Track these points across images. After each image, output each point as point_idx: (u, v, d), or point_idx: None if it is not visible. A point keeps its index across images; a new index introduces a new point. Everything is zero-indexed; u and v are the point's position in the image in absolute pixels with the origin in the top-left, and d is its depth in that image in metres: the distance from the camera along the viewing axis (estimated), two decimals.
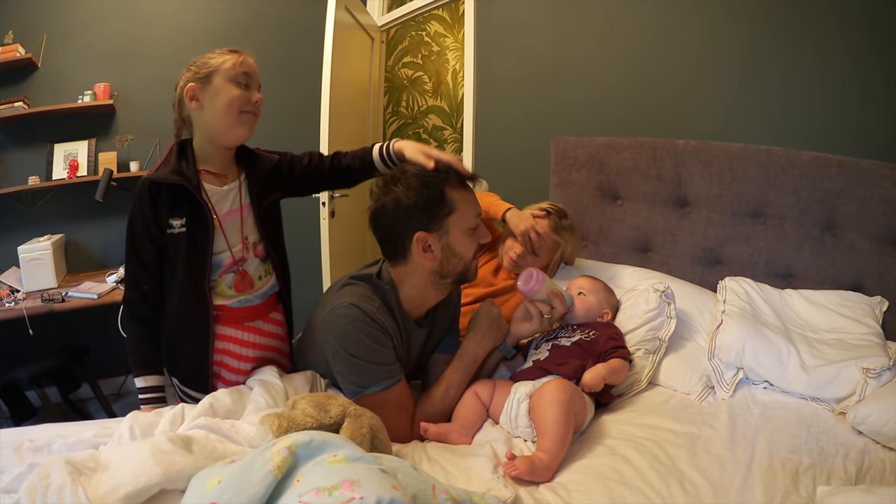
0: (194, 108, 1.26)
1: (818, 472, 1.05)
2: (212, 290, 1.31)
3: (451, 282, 1.29)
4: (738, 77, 1.77)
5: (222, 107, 1.24)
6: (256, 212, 1.35)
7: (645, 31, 2.02)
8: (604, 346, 1.33)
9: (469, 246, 1.26)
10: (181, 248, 1.26)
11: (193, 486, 0.78)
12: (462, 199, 1.24)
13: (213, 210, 1.28)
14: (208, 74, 1.24)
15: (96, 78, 2.87)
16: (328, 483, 0.66)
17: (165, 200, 1.24)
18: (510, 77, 2.61)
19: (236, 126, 1.27)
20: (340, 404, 1.00)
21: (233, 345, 1.35)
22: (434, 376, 1.37)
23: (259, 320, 1.39)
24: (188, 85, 1.25)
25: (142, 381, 1.29)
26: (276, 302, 1.44)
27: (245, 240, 1.33)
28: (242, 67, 1.26)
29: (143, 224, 1.25)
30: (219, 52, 1.27)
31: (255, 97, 1.28)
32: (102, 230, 3.03)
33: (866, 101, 1.54)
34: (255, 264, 1.36)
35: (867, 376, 1.25)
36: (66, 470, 0.79)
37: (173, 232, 1.25)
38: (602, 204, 2.04)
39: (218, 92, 1.24)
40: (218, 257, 1.30)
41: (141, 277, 1.29)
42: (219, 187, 1.31)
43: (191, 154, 1.30)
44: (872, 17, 1.50)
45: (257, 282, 1.37)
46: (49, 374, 2.65)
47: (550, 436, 1.08)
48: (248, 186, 1.35)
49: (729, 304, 1.50)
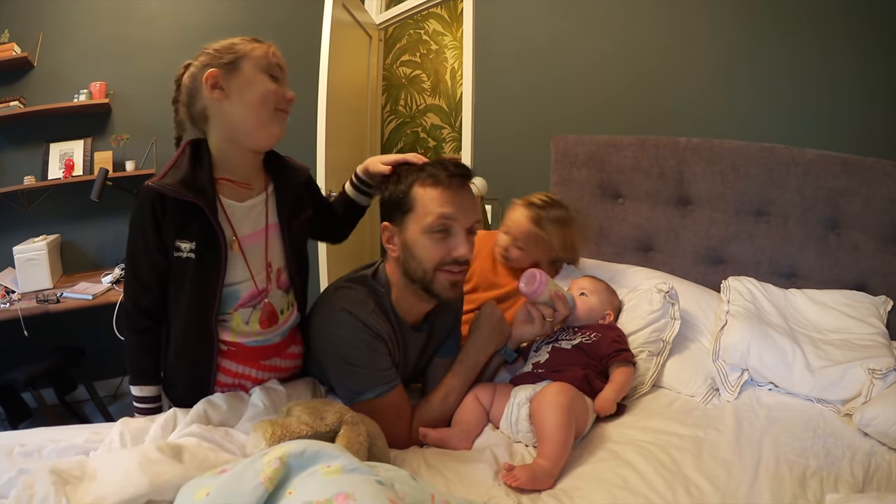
0: (216, 99, 1.05)
1: (825, 475, 1.03)
2: (223, 324, 1.13)
3: (419, 287, 1.18)
4: (740, 74, 1.76)
5: (256, 100, 1.05)
6: (286, 233, 1.15)
7: (646, 28, 2.00)
8: (607, 349, 1.31)
9: (429, 249, 1.14)
10: (188, 275, 1.07)
11: (181, 498, 0.76)
12: (426, 196, 1.14)
13: (234, 232, 1.09)
14: (234, 60, 1.04)
15: (92, 77, 2.86)
16: (322, 496, 0.63)
17: (172, 217, 1.04)
18: (509, 75, 2.59)
19: (269, 125, 1.08)
20: (337, 411, 0.97)
21: (245, 381, 1.20)
22: (434, 381, 1.34)
23: (276, 357, 1.23)
24: (209, 71, 1.03)
25: (138, 390, 1.18)
26: (296, 335, 1.27)
27: (269, 267, 1.14)
28: (275, 59, 1.09)
29: (144, 244, 1.07)
30: (240, 38, 1.09)
31: (289, 94, 1.10)
32: (98, 230, 3.02)
33: (871, 98, 1.53)
34: (277, 297, 1.17)
35: (873, 377, 1.23)
36: (51, 479, 0.77)
37: (181, 256, 1.06)
38: (603, 203, 2.02)
39: (249, 81, 1.04)
40: (234, 288, 1.11)
41: (139, 295, 1.13)
42: (240, 202, 1.11)
43: (207, 158, 1.09)
44: (877, 14, 1.49)
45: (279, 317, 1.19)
46: (45, 376, 2.64)
47: (551, 441, 1.06)
48: (278, 201, 1.15)
49: (733, 305, 1.48)
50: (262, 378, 1.21)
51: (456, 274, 1.17)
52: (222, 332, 1.14)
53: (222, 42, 1.07)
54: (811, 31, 1.60)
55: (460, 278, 1.19)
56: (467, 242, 1.16)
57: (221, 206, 1.08)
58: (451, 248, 1.14)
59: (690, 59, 1.88)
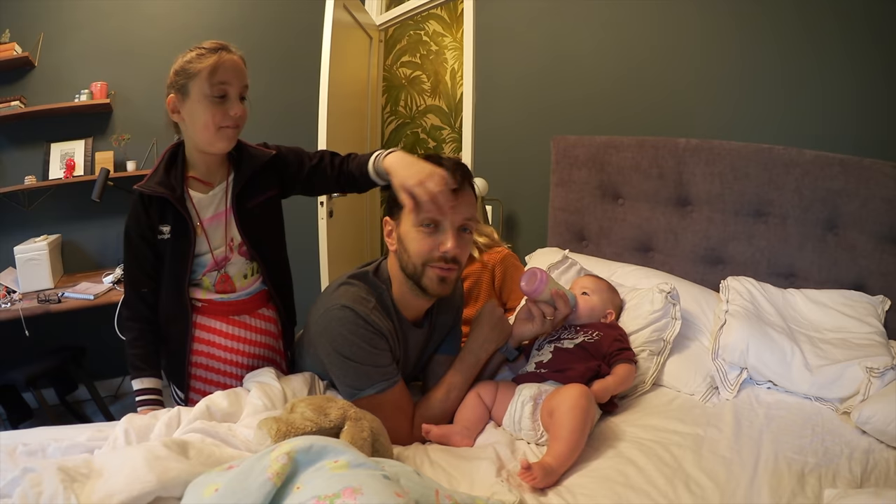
0: (178, 120, 1.26)
1: (824, 472, 1.04)
2: (196, 286, 1.34)
3: (413, 283, 1.21)
4: (739, 75, 1.76)
5: (201, 126, 1.22)
6: (237, 214, 1.33)
7: (645, 29, 2.01)
8: (609, 348, 1.32)
9: (419, 244, 1.16)
10: (168, 251, 1.30)
11: (190, 494, 0.76)
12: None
13: (198, 216, 1.30)
14: (185, 85, 1.20)
15: (93, 77, 2.86)
16: (329, 491, 0.64)
17: (154, 209, 1.28)
18: (509, 76, 2.60)
19: (215, 142, 1.25)
20: (340, 407, 0.98)
21: (216, 336, 1.36)
22: (435, 377, 1.36)
23: (245, 315, 1.39)
24: (169, 96, 1.23)
25: (139, 382, 1.29)
26: (265, 300, 1.43)
27: (230, 241, 1.34)
28: (219, 75, 1.20)
29: (138, 230, 1.29)
30: (198, 49, 1.22)
31: (232, 111, 1.23)
32: (99, 230, 3.02)
33: (869, 99, 1.53)
34: (239, 263, 1.36)
35: (871, 376, 1.24)
36: (59, 477, 0.77)
37: (163, 237, 1.29)
38: (603, 203, 2.03)
39: (194, 108, 1.21)
40: (201, 258, 1.33)
41: (139, 280, 1.32)
42: (204, 194, 1.32)
43: (181, 160, 1.32)
44: (874, 15, 1.49)
45: (241, 281, 1.38)
46: (46, 376, 2.63)
47: (566, 442, 1.06)
48: (234, 188, 1.33)
49: (732, 304, 1.49)
50: (235, 335, 1.37)
51: (444, 270, 1.18)
52: (196, 292, 1.34)
53: (186, 56, 1.22)
54: (809, 32, 1.61)
55: (448, 275, 1.19)
56: (455, 239, 1.16)
57: (189, 197, 1.30)
58: (439, 244, 1.16)
59: (690, 60, 1.89)
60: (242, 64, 1.26)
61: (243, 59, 1.27)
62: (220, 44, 1.24)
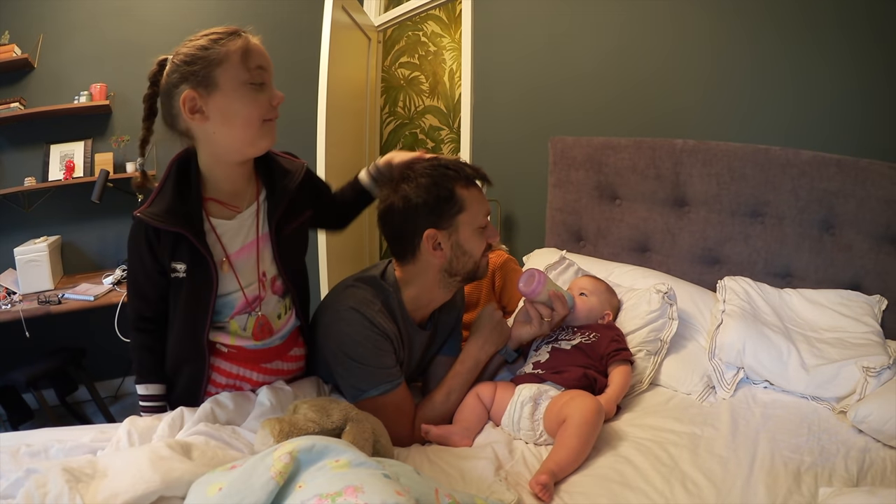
0: (198, 122, 1.00)
1: (820, 471, 1.04)
2: (222, 329, 1.14)
3: (460, 280, 1.27)
4: (736, 77, 1.77)
5: (242, 122, 0.99)
6: (275, 242, 1.12)
7: (643, 30, 2.01)
8: (606, 349, 1.33)
9: (478, 244, 1.25)
10: (182, 293, 1.09)
11: (194, 493, 0.77)
12: (472, 197, 1.23)
13: (224, 250, 1.08)
14: (210, 75, 0.96)
15: (93, 78, 2.87)
16: (331, 489, 0.65)
17: (165, 243, 1.05)
18: (507, 77, 2.60)
19: (257, 141, 1.03)
20: (342, 409, 0.99)
21: (243, 383, 1.20)
22: (436, 379, 1.37)
23: (277, 360, 1.23)
24: (185, 93, 0.97)
25: (143, 388, 1.19)
26: (297, 337, 1.27)
27: (262, 276, 1.12)
28: (254, 59, 1.00)
29: (142, 268, 1.09)
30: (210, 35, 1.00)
31: (276, 98, 1.04)
32: (99, 231, 3.02)
33: (866, 99, 1.53)
34: (272, 303, 1.17)
35: (867, 375, 1.25)
36: (64, 478, 0.78)
37: (177, 276, 1.07)
38: (601, 204, 2.04)
39: (230, 101, 0.98)
40: (228, 299, 1.11)
41: (142, 308, 1.15)
42: (229, 220, 1.09)
43: (194, 177, 1.06)
44: (873, 16, 1.50)
45: (276, 322, 1.19)
46: (46, 377, 2.64)
47: (572, 451, 1.06)
48: (269, 210, 1.12)
49: (729, 304, 1.50)
50: (262, 381, 1.21)
51: (487, 257, 1.30)
52: (222, 336, 1.14)
53: (193, 44, 0.99)
54: (807, 33, 1.61)
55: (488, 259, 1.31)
56: (494, 228, 1.31)
57: (211, 225, 1.07)
58: (489, 237, 1.27)
59: (687, 61, 1.90)
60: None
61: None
62: (234, 28, 1.04)
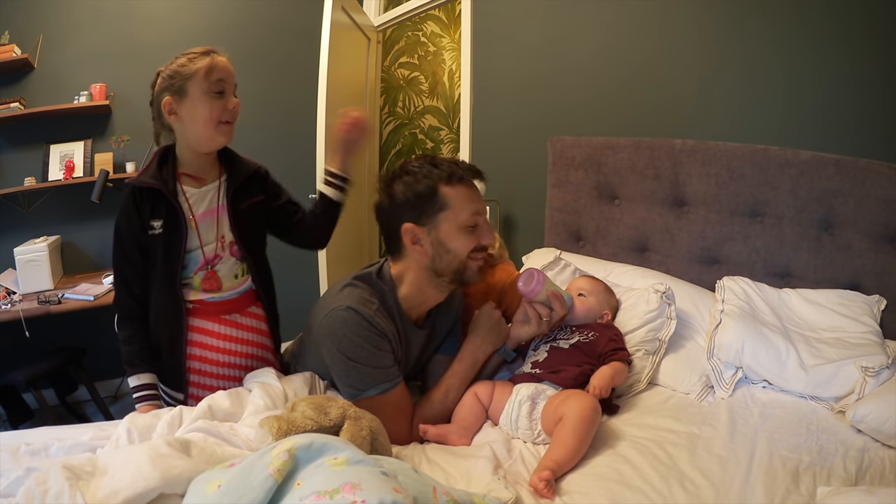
0: (175, 121, 1.29)
1: (818, 470, 1.05)
2: (187, 286, 1.36)
3: (448, 280, 1.26)
4: (736, 77, 1.77)
5: (201, 121, 1.27)
6: (231, 213, 1.37)
7: (643, 30, 2.02)
8: (604, 348, 1.33)
9: (464, 243, 1.23)
10: (160, 247, 1.31)
11: (193, 491, 0.78)
12: (458, 195, 1.22)
13: (191, 210, 1.33)
14: (182, 86, 1.25)
15: (92, 78, 2.87)
16: (329, 486, 0.66)
17: (147, 204, 1.30)
18: (507, 77, 2.61)
19: (216, 137, 1.30)
20: (340, 406, 1.00)
21: (209, 338, 1.38)
22: (434, 378, 1.37)
23: (235, 313, 1.41)
24: (164, 99, 1.27)
25: (135, 379, 1.32)
26: (254, 298, 1.46)
27: (222, 238, 1.37)
28: (216, 73, 1.27)
29: (128, 227, 1.32)
30: (188, 55, 1.28)
31: (230, 104, 1.30)
32: (98, 231, 3.02)
33: (864, 99, 1.54)
34: (230, 262, 1.39)
35: (866, 375, 1.25)
36: (64, 475, 0.78)
37: (154, 233, 1.31)
38: (600, 204, 2.04)
39: (195, 105, 1.26)
40: (192, 255, 1.34)
41: (130, 278, 1.35)
42: (197, 188, 1.35)
43: (171, 159, 1.35)
44: (870, 15, 1.50)
45: (232, 280, 1.40)
46: (46, 377, 2.64)
47: (570, 449, 1.07)
48: (227, 187, 1.38)
49: (727, 304, 1.50)
50: (227, 335, 1.39)
51: (480, 260, 1.28)
52: (188, 293, 1.36)
53: (176, 62, 1.27)
54: (805, 33, 1.62)
55: (483, 263, 1.30)
56: (490, 230, 1.28)
57: (182, 191, 1.33)
58: (480, 238, 1.25)
59: (686, 61, 1.90)
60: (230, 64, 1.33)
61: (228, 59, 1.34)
62: (208, 48, 1.30)
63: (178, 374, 1.36)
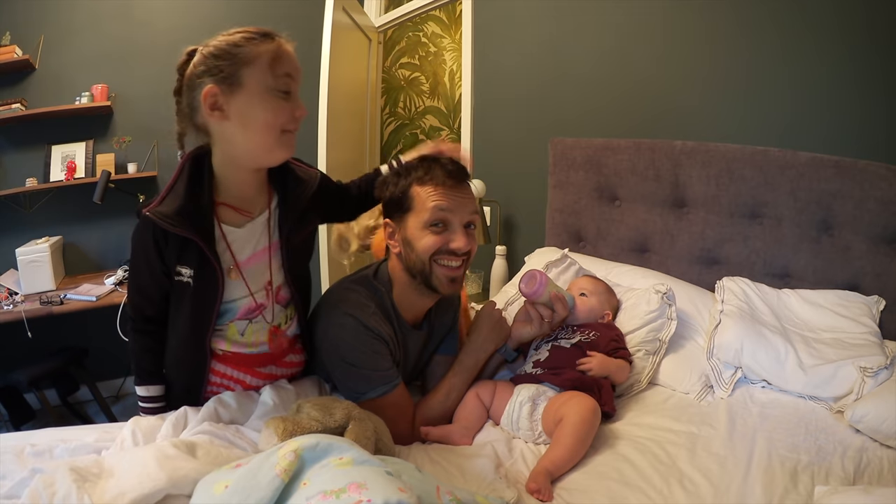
0: (216, 120, 0.98)
1: (817, 470, 1.06)
2: (218, 333, 1.13)
3: (419, 281, 1.22)
4: (735, 78, 1.78)
5: (260, 127, 0.97)
6: (285, 251, 1.12)
7: (643, 32, 2.02)
8: (605, 348, 1.34)
9: (427, 242, 1.17)
10: (187, 296, 1.07)
11: (200, 491, 0.79)
12: (424, 193, 1.18)
13: (233, 258, 1.06)
14: (235, 73, 0.95)
15: (94, 79, 2.87)
16: (335, 486, 0.66)
17: (173, 245, 1.02)
18: (507, 77, 2.61)
19: (275, 150, 1.01)
20: (345, 407, 1.00)
21: (237, 385, 1.20)
22: (435, 378, 1.38)
23: (272, 366, 1.22)
24: (208, 87, 0.95)
25: (143, 390, 1.19)
26: (294, 344, 1.26)
27: (268, 284, 1.11)
28: (284, 65, 0.98)
29: (147, 267, 1.06)
30: (244, 32, 0.98)
31: (299, 111, 1.01)
32: (100, 232, 3.03)
33: (864, 101, 1.54)
34: (274, 312, 1.16)
35: (865, 375, 1.26)
36: (71, 477, 0.79)
37: (181, 280, 1.05)
38: (600, 205, 2.05)
39: (252, 105, 0.96)
40: (232, 305, 1.10)
41: (143, 307, 1.14)
42: (240, 227, 1.07)
43: (207, 178, 1.03)
44: (871, 17, 1.50)
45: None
46: (48, 377, 2.64)
47: (568, 450, 1.08)
48: (280, 219, 1.11)
49: (727, 304, 1.51)
50: (255, 385, 1.21)
51: (454, 269, 1.21)
52: (219, 342, 1.14)
53: (224, 38, 0.97)
54: (804, 35, 1.62)
55: (458, 273, 1.22)
56: (464, 235, 1.20)
57: (222, 233, 1.05)
58: (448, 240, 1.18)
59: (686, 63, 1.91)
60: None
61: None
62: (269, 30, 1.01)
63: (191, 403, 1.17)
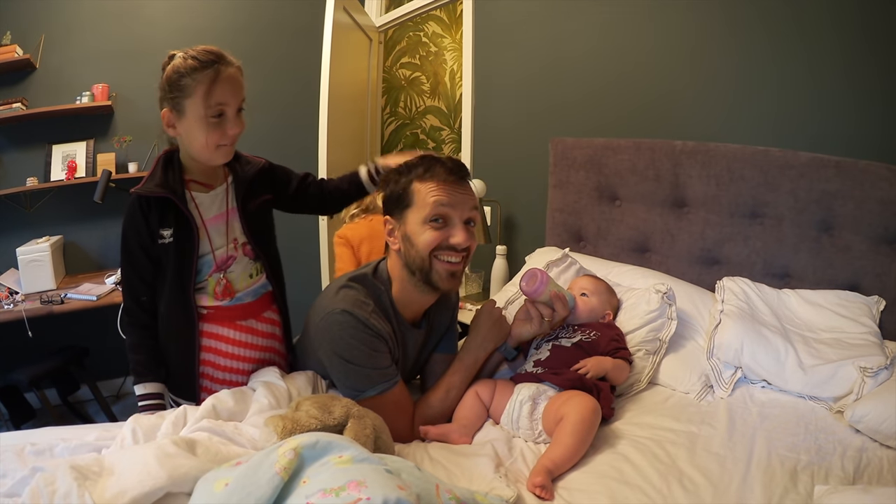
0: (172, 133, 1.25)
1: (816, 470, 1.06)
2: (201, 290, 1.32)
3: (419, 279, 1.23)
4: (736, 78, 1.78)
5: (199, 144, 1.22)
6: (242, 214, 1.34)
7: (643, 31, 2.03)
8: (606, 348, 1.34)
9: (427, 238, 1.19)
10: (170, 257, 1.27)
11: (200, 489, 0.79)
12: (424, 189, 1.21)
13: (200, 215, 1.29)
14: (179, 102, 1.18)
15: (95, 79, 2.87)
16: (335, 484, 0.67)
17: (155, 213, 1.25)
18: (508, 77, 2.62)
19: (213, 158, 1.26)
20: (344, 405, 1.00)
21: (223, 344, 1.33)
22: (434, 376, 1.38)
23: (251, 319, 1.37)
24: (164, 110, 1.22)
25: (141, 388, 1.28)
26: (271, 302, 1.43)
27: (234, 241, 1.34)
28: (216, 96, 1.17)
29: (136, 237, 1.26)
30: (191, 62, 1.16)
31: (231, 131, 1.22)
32: (101, 231, 3.03)
33: (864, 101, 1.54)
34: (244, 262, 1.36)
35: (864, 375, 1.26)
36: (72, 475, 0.79)
37: (164, 242, 1.26)
38: (600, 205, 2.05)
39: (191, 127, 1.20)
40: (204, 259, 1.30)
41: (138, 288, 1.30)
42: (206, 193, 1.31)
43: (177, 164, 1.30)
44: (869, 17, 1.51)
45: (246, 280, 1.36)
46: (48, 376, 2.65)
47: (568, 450, 1.08)
48: (235, 190, 1.35)
49: (727, 304, 1.51)
50: (242, 341, 1.35)
51: (454, 264, 1.22)
52: (203, 299, 1.32)
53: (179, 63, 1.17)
54: (804, 35, 1.62)
55: (458, 269, 1.24)
56: (464, 231, 1.22)
57: (191, 196, 1.29)
58: (448, 236, 1.20)
59: (687, 63, 1.91)
60: (240, 75, 1.23)
61: (240, 67, 1.23)
62: (215, 54, 1.19)
63: (189, 384, 1.33)
